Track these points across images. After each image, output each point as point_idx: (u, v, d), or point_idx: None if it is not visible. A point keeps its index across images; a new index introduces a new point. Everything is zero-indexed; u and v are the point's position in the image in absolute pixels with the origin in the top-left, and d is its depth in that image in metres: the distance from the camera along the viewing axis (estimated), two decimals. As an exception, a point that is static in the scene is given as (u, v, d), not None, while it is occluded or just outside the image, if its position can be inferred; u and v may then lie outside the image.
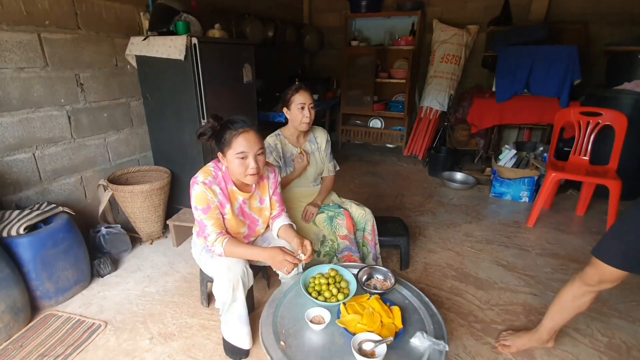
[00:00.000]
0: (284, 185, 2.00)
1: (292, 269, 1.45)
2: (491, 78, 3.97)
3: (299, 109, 1.94)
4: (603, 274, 1.35)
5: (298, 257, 1.48)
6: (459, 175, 3.91)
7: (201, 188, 1.47)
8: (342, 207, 2.10)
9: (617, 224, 1.36)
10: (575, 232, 2.85)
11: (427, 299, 1.50)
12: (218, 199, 1.51)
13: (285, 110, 2.00)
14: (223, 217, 1.55)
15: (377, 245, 2.17)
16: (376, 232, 2.16)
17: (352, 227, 2.06)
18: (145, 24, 2.51)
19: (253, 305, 1.96)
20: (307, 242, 1.53)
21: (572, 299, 1.51)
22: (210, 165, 1.56)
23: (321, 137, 2.17)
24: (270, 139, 2.03)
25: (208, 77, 2.47)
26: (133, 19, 2.57)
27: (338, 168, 2.25)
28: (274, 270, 1.78)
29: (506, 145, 3.59)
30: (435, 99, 4.38)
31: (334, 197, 2.24)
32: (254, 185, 1.62)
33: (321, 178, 2.22)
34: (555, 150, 3.04)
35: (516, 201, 3.40)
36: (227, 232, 1.55)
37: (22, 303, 1.78)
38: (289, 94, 1.97)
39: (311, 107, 1.97)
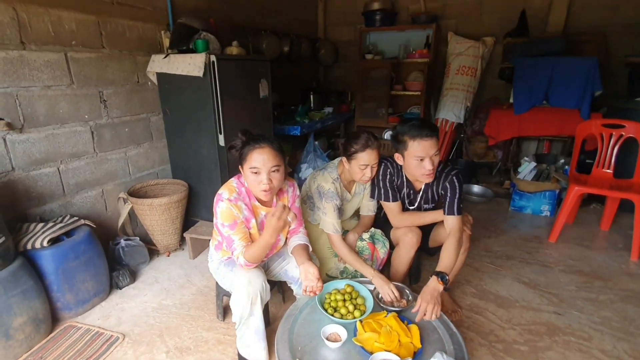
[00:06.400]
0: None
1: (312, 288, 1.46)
2: (508, 90, 3.92)
3: (360, 167, 1.77)
4: None
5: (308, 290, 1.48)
6: (476, 188, 3.83)
7: (227, 205, 1.48)
8: (365, 240, 1.98)
9: None
10: (600, 247, 2.75)
11: (446, 317, 1.47)
12: (244, 214, 1.53)
13: (344, 159, 1.84)
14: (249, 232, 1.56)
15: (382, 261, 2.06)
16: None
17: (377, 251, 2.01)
18: (166, 42, 2.60)
19: (269, 320, 1.95)
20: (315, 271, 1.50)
21: None
22: (234, 181, 1.58)
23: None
24: (331, 186, 1.86)
25: (226, 92, 2.51)
26: (154, 38, 2.66)
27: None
28: (289, 284, 1.79)
29: (525, 158, 3.52)
30: (451, 111, 4.34)
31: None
32: (275, 200, 1.63)
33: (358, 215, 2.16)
34: (577, 162, 2.97)
35: (537, 215, 3.31)
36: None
37: (43, 314, 1.82)
38: (353, 147, 1.75)
39: (374, 166, 1.79)
